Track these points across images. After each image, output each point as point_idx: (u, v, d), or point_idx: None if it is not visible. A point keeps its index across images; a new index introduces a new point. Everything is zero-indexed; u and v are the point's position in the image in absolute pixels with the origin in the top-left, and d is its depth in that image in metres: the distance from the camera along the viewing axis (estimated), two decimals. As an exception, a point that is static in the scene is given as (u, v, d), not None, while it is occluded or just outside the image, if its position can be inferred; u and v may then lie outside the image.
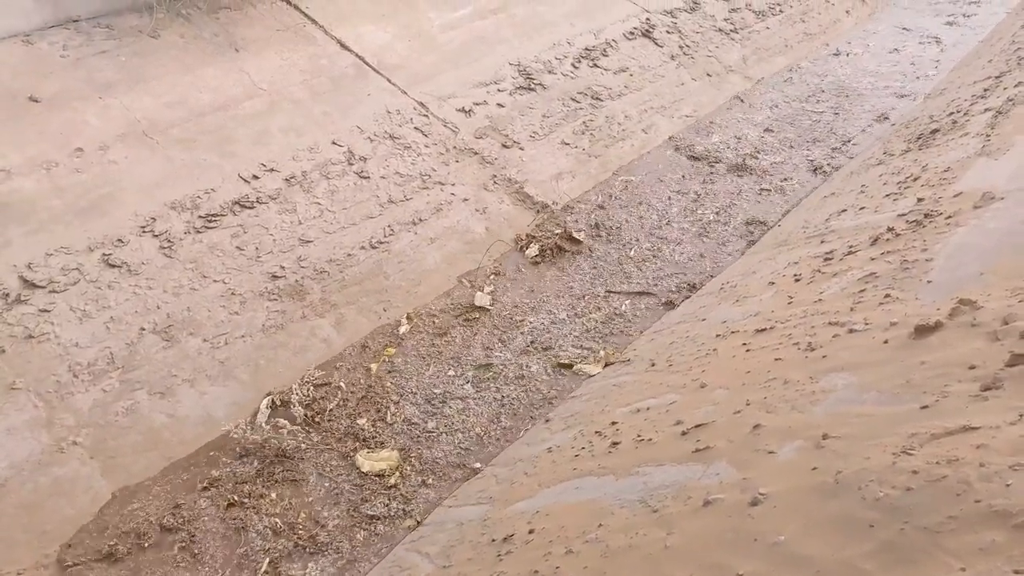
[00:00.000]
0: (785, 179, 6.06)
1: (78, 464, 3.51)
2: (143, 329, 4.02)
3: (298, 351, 4.24)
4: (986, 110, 5.03)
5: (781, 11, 8.76)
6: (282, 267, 4.52)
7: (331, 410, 3.94)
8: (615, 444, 3.02)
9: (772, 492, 2.16)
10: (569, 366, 4.33)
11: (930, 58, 8.00)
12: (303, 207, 4.82)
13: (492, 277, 4.87)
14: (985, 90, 5.71)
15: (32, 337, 3.79)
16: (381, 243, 4.88)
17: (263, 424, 3.83)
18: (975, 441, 1.88)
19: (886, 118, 6.80)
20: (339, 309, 4.49)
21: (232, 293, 4.32)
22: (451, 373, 4.26)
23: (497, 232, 5.27)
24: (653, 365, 3.81)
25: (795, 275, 3.94)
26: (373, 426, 3.92)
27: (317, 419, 3.90)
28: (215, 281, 4.32)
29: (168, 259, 4.30)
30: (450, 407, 4.06)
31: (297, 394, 3.97)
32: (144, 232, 4.35)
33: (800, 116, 6.94)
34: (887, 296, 3.04)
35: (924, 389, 2.26)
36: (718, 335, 3.71)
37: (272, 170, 4.91)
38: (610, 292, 4.80)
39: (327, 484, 3.65)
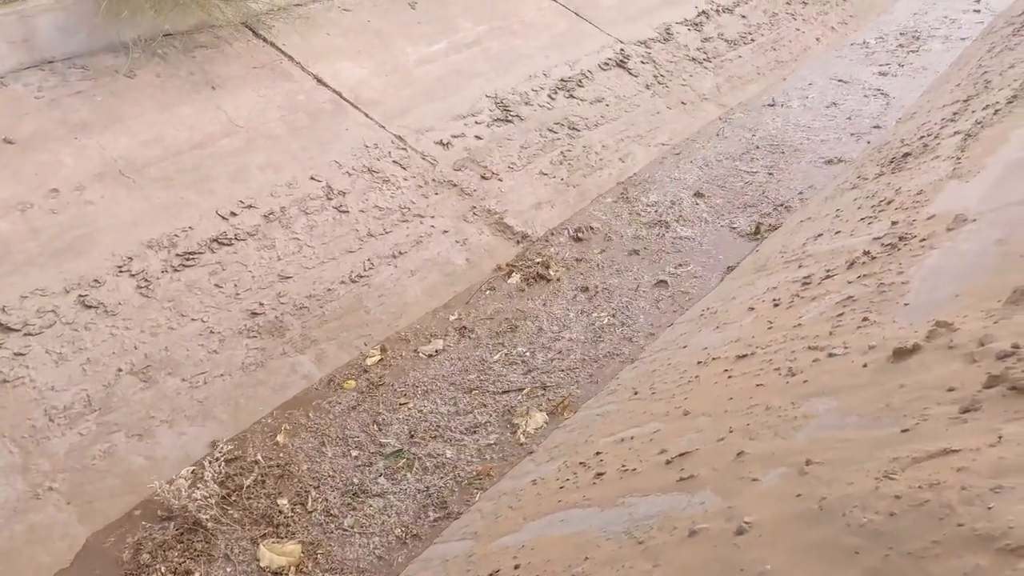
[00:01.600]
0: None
1: (54, 510, 3.44)
2: (120, 370, 3.97)
3: (278, 388, 4.20)
4: (956, 133, 5.12)
5: (753, 40, 8.91)
6: (261, 304, 4.49)
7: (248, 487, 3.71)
8: (599, 475, 3.01)
9: (757, 520, 2.15)
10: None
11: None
12: (282, 243, 4.81)
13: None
14: (954, 113, 5.82)
15: (7, 381, 3.73)
16: (361, 277, 4.86)
17: (183, 492, 3.58)
18: (956, 464, 1.88)
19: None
20: (319, 345, 4.46)
21: (211, 331, 4.28)
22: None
23: (478, 263, 5.27)
24: (636, 393, 3.80)
25: (774, 300, 3.97)
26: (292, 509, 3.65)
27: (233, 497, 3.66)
28: (193, 320, 4.28)
29: (145, 298, 4.27)
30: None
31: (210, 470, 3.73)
32: (121, 272, 4.31)
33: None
34: (865, 319, 3.06)
35: (904, 412, 2.27)
36: (700, 362, 3.71)
37: (250, 207, 4.90)
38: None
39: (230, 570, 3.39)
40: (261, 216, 4.88)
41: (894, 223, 4.03)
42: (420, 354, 4.54)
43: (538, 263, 5.31)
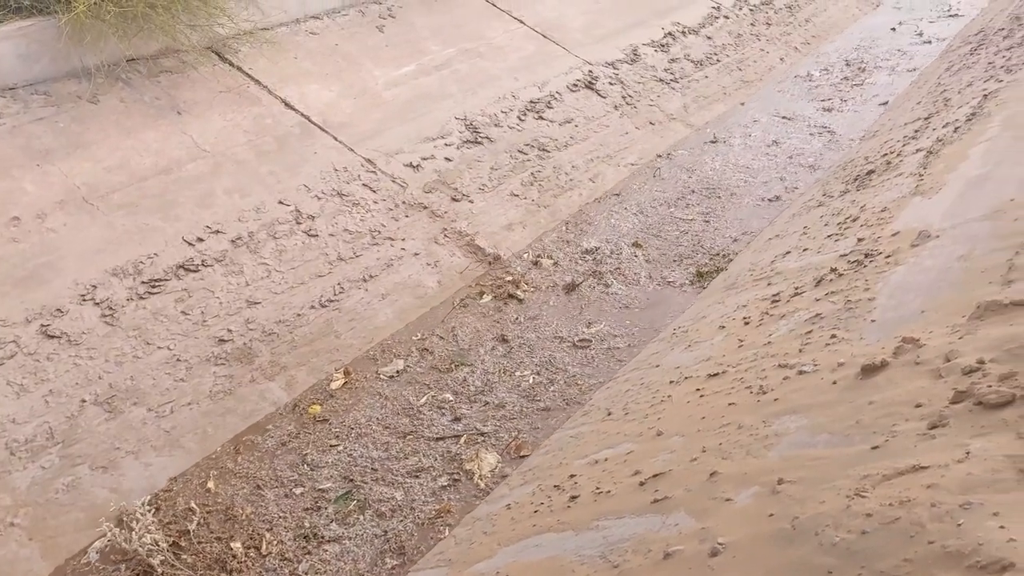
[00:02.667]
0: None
1: (16, 547, 3.35)
2: (84, 401, 3.89)
3: (247, 416, 4.13)
4: (917, 150, 5.21)
5: (718, 60, 9.03)
6: (229, 330, 4.43)
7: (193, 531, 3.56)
8: (574, 498, 2.99)
9: (731, 541, 2.14)
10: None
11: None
12: (250, 268, 4.76)
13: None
14: (916, 131, 5.92)
15: (-35, 415, 3.63)
16: (331, 301, 4.82)
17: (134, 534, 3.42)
18: (925, 481, 1.89)
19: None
20: (289, 371, 4.40)
21: (177, 359, 4.22)
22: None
23: (449, 285, 5.25)
24: (609, 414, 3.80)
25: (744, 318, 3.99)
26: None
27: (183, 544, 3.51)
28: (159, 348, 4.21)
29: (110, 327, 4.19)
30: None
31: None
32: (84, 300, 4.24)
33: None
34: (833, 337, 3.08)
35: (874, 429, 2.28)
36: (672, 381, 3.72)
37: (217, 232, 4.85)
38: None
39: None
40: (228, 241, 4.83)
41: (860, 240, 4.08)
42: (381, 375, 4.49)
43: (508, 282, 5.30)
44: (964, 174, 4.21)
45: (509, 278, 5.34)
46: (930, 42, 9.97)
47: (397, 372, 4.53)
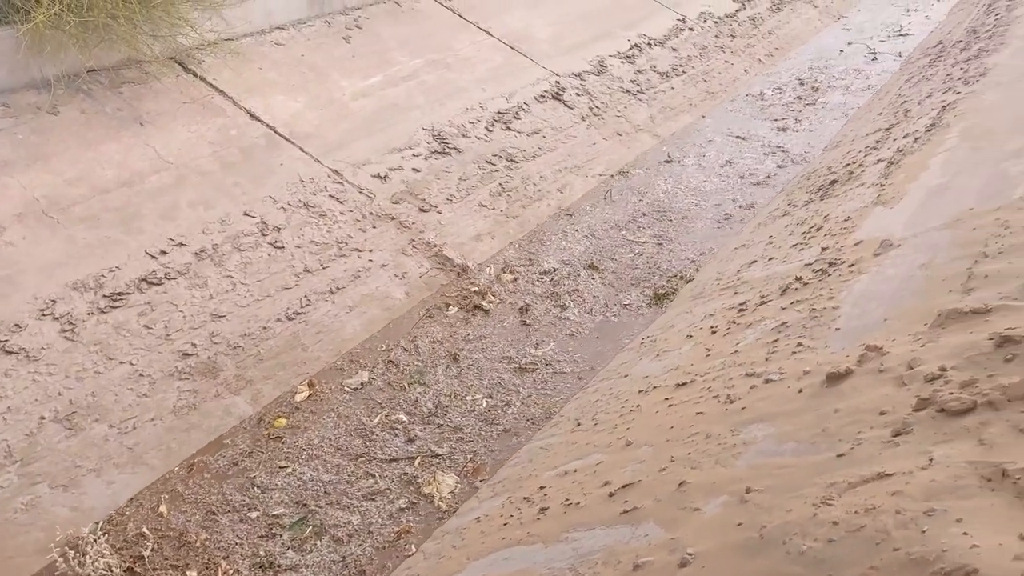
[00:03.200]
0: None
1: (-29, 570, 3.25)
2: (44, 418, 3.80)
3: (211, 431, 4.07)
4: (879, 161, 5.29)
5: (684, 71, 9.12)
6: (193, 344, 4.36)
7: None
8: (543, 510, 2.97)
9: (700, 551, 2.14)
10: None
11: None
12: (215, 281, 4.69)
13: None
14: (877, 142, 6.02)
15: (-81, 434, 3.53)
16: (297, 314, 4.77)
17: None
18: (890, 488, 1.91)
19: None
20: (255, 385, 4.34)
21: (140, 374, 4.14)
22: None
23: (417, 296, 5.23)
24: (579, 425, 3.79)
25: (711, 327, 4.02)
26: None
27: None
28: (121, 363, 4.13)
29: (70, 342, 4.10)
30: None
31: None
32: (44, 315, 4.15)
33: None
34: (799, 345, 3.11)
35: (839, 437, 2.30)
36: (641, 391, 3.73)
37: (181, 244, 4.78)
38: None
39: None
40: (192, 254, 4.76)
41: (824, 249, 4.14)
42: (346, 387, 4.45)
43: (475, 293, 5.28)
44: (924, 184, 4.29)
45: (475, 289, 5.33)
46: (878, 59, 10.07)
47: (362, 384, 4.48)
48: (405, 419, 4.28)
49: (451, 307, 5.18)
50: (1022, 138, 4.23)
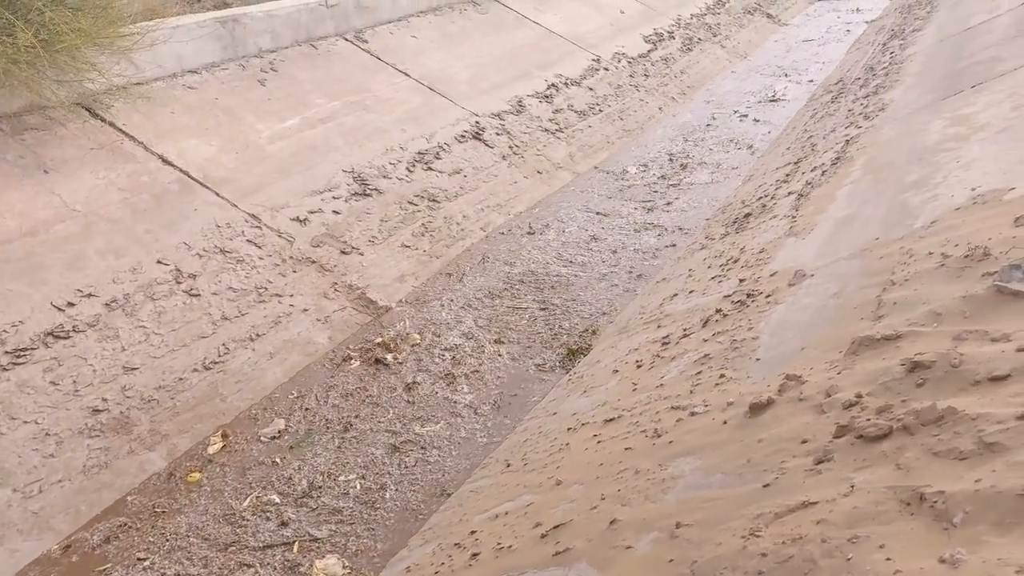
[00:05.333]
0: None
1: None
2: (-62, 486, 3.55)
3: (124, 490, 3.87)
4: (789, 193, 5.48)
5: (600, 110, 9.33)
6: (104, 399, 4.17)
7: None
8: (475, 555, 2.91)
9: (633, 591, 2.12)
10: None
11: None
12: (126, 332, 4.51)
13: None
14: (787, 175, 6.25)
15: None
16: (215, 363, 4.61)
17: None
18: (815, 517, 1.93)
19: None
20: (171, 439, 4.17)
21: (46, 434, 3.92)
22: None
23: (340, 339, 5.13)
24: (509, 466, 3.75)
25: (637, 361, 4.05)
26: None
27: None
28: (26, 422, 3.91)
29: (-32, 403, 3.87)
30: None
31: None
32: (-62, 375, 3.90)
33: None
34: (722, 376, 3.16)
35: (764, 467, 2.33)
36: (569, 428, 3.72)
37: (90, 295, 4.58)
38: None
39: None
40: (102, 305, 4.57)
41: (742, 280, 4.23)
42: (262, 438, 4.30)
43: (379, 345, 5.12)
44: (832, 215, 4.45)
45: (392, 334, 5.19)
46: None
47: (279, 432, 4.34)
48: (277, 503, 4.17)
49: (369, 351, 5.08)
50: (918, 169, 4.45)
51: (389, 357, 4.99)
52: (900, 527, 1.76)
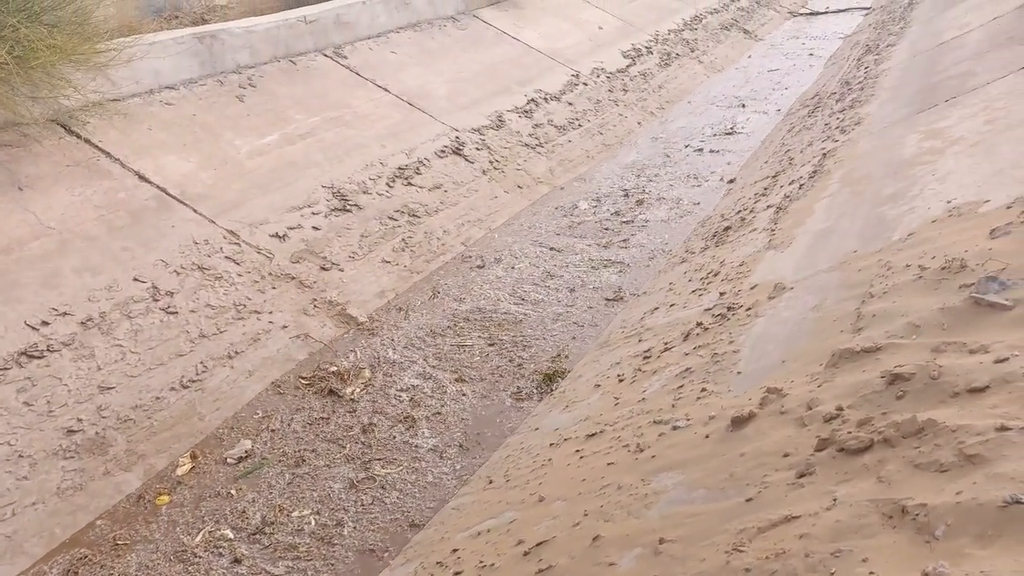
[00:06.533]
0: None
1: None
2: (-93, 511, 3.48)
3: (98, 512, 3.80)
4: (768, 207, 5.52)
5: (580, 125, 9.36)
6: (79, 420, 4.10)
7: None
8: (457, 574, 2.88)
9: (617, 608, 2.11)
10: None
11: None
12: (102, 351, 4.44)
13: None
14: (765, 188, 6.29)
15: None
16: (193, 382, 4.56)
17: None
18: (798, 531, 1.92)
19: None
20: (148, 459, 4.10)
21: (19, 455, 3.85)
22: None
23: (320, 356, 5.09)
24: (491, 482, 3.72)
25: (618, 375, 4.04)
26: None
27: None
28: (-2, 444, 3.84)
29: (-61, 425, 3.79)
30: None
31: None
32: (-92, 397, 3.83)
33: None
34: (703, 390, 3.16)
35: (747, 481, 2.32)
36: (552, 444, 3.70)
37: (65, 314, 4.52)
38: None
39: None
40: (78, 323, 4.50)
41: (722, 294, 4.25)
42: (228, 460, 4.22)
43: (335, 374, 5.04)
44: (811, 228, 4.48)
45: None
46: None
47: (246, 452, 4.25)
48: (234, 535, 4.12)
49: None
50: (895, 182, 4.49)
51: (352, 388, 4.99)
52: (882, 540, 1.76)
